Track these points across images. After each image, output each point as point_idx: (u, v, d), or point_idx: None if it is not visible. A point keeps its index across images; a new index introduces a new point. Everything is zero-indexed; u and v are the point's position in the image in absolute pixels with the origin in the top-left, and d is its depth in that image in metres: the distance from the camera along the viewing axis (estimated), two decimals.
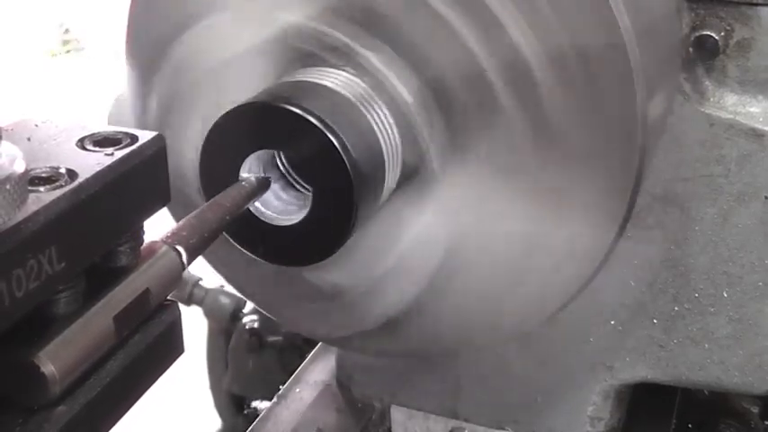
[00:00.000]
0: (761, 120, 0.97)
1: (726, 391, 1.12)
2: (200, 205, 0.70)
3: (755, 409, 1.24)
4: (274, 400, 1.28)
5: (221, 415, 1.82)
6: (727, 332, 1.04)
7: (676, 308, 1.06)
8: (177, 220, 0.66)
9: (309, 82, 0.80)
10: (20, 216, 0.48)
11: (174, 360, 0.62)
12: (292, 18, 0.83)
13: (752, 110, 0.98)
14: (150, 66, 0.91)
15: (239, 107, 0.77)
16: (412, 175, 0.85)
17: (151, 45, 0.91)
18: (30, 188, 0.50)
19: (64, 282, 0.51)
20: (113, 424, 0.56)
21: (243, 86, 0.81)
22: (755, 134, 0.97)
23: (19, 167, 0.48)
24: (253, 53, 0.85)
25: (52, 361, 0.50)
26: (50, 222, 0.49)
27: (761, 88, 0.98)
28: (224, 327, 1.77)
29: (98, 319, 0.54)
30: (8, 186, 0.46)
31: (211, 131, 0.79)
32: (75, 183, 0.52)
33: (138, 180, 0.57)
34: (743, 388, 1.08)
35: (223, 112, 0.78)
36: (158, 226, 0.63)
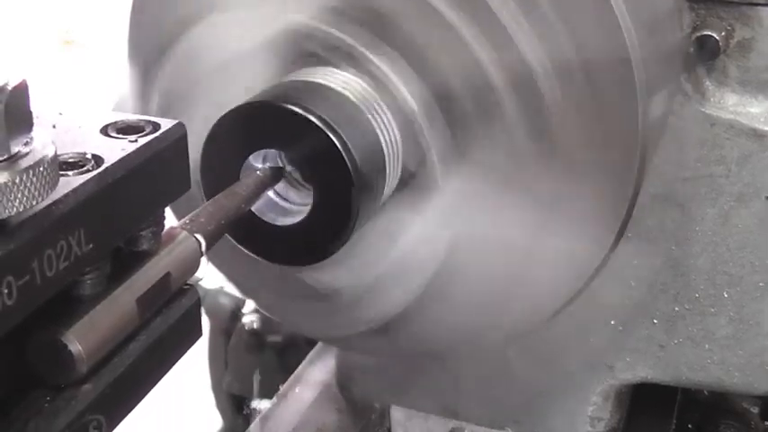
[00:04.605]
0: (761, 120, 0.97)
1: (726, 391, 1.12)
2: (201, 203, 0.70)
3: (755, 410, 1.24)
4: (274, 399, 1.28)
5: (221, 415, 1.82)
6: (728, 332, 1.05)
7: (677, 308, 1.06)
8: (178, 216, 0.66)
9: (312, 82, 0.80)
10: (51, 198, 0.49)
11: (193, 343, 0.63)
12: (297, 17, 0.83)
13: (752, 110, 0.98)
14: (152, 64, 0.91)
15: (241, 106, 0.77)
16: (412, 177, 0.85)
17: (153, 43, 0.91)
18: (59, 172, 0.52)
19: (91, 263, 0.53)
20: (136, 403, 0.58)
21: (245, 85, 0.81)
22: (756, 134, 0.97)
23: (50, 151, 0.49)
24: (256, 52, 0.85)
25: (79, 340, 0.52)
26: (79, 205, 0.51)
27: (761, 88, 0.98)
28: (224, 327, 1.77)
29: (122, 301, 0.56)
30: (41, 169, 0.48)
31: (213, 130, 0.79)
32: (102, 167, 0.54)
33: (160, 166, 0.58)
34: (743, 388, 1.08)
35: (225, 110, 0.78)
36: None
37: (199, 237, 0.63)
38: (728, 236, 1.01)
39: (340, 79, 0.81)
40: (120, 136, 0.58)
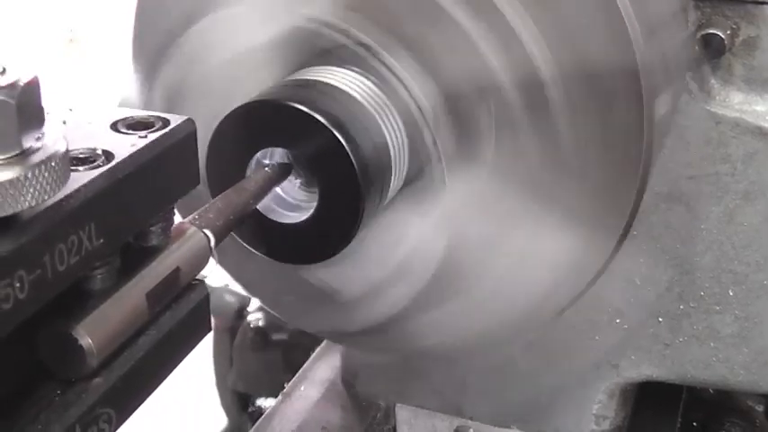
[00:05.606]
0: (767, 118, 0.97)
1: (731, 389, 1.12)
2: (207, 202, 0.70)
3: (760, 408, 1.25)
4: (279, 398, 1.28)
5: (226, 413, 1.83)
6: (733, 330, 1.05)
7: (682, 306, 1.06)
8: (183, 214, 0.66)
9: (319, 81, 0.81)
10: (63, 193, 0.50)
11: (202, 337, 0.64)
12: (304, 14, 0.83)
13: (758, 108, 0.98)
14: (157, 61, 0.91)
15: (247, 104, 0.77)
16: (416, 178, 0.85)
17: (158, 39, 0.91)
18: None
19: (101, 258, 0.54)
20: (146, 397, 0.58)
21: (252, 83, 0.81)
22: (761, 132, 0.97)
23: (62, 147, 0.50)
24: (262, 49, 0.85)
25: (90, 334, 0.52)
26: (90, 200, 0.51)
27: (767, 87, 0.98)
28: (229, 325, 1.78)
29: (132, 296, 0.56)
30: (53, 164, 0.48)
31: (219, 128, 0.79)
32: (113, 163, 0.54)
33: (170, 162, 0.59)
34: (748, 386, 1.08)
35: (231, 108, 0.78)
36: None
37: (208, 232, 0.63)
38: (734, 234, 1.01)
39: (347, 78, 0.81)
40: (130, 132, 0.58)
